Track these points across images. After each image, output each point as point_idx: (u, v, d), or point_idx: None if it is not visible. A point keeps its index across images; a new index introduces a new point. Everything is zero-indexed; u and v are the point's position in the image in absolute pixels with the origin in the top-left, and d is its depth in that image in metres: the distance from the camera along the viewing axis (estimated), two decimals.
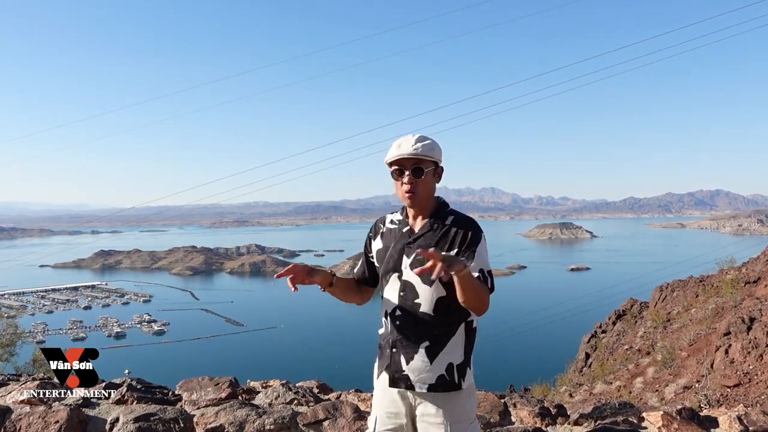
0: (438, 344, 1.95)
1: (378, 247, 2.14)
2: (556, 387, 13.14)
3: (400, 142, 1.99)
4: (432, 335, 1.95)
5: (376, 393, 2.12)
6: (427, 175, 1.98)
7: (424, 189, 1.99)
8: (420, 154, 1.94)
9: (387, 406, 2.05)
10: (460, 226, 1.99)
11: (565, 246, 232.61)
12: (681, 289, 15.76)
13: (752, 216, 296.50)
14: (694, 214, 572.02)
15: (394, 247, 2.06)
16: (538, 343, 60.97)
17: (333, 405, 3.14)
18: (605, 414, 3.28)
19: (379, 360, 2.09)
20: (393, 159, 1.98)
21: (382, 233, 2.16)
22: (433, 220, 2.02)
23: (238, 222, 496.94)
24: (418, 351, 1.95)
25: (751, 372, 6.73)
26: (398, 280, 2.02)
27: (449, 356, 1.96)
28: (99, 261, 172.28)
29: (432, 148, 1.98)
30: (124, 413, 2.88)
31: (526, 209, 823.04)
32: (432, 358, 1.94)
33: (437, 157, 2.00)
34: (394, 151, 1.98)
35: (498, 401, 3.39)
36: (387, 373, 2.01)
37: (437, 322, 1.95)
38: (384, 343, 2.05)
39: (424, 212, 2.05)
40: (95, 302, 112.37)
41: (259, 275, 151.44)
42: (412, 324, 1.96)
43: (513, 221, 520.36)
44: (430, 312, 1.95)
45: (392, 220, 2.17)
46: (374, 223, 2.25)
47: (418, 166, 1.97)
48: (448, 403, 1.95)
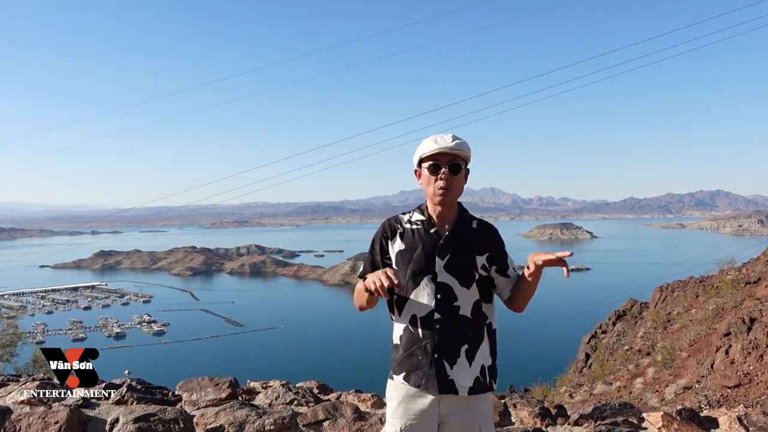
0: (474, 347, 1.94)
1: (400, 248, 2.01)
2: (556, 387, 13.13)
3: (435, 138, 1.96)
4: (469, 338, 1.94)
5: (397, 401, 1.98)
6: (461, 172, 1.97)
7: (458, 187, 1.97)
8: (458, 150, 1.92)
9: (413, 415, 1.94)
10: (485, 229, 2.02)
11: (566, 246, 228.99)
12: (681, 289, 15.74)
13: (752, 216, 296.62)
14: (695, 215, 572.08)
15: (422, 248, 1.97)
16: (538, 344, 60.94)
17: (333, 405, 3.14)
18: (605, 414, 3.28)
19: (414, 370, 1.94)
20: (431, 153, 1.93)
21: (402, 233, 2.03)
22: (461, 223, 2.01)
23: (238, 222, 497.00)
24: (460, 355, 1.92)
25: (752, 372, 6.73)
26: (432, 283, 1.93)
27: (482, 358, 1.96)
28: (99, 261, 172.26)
29: (468, 147, 1.97)
30: (124, 414, 2.88)
31: (526, 210, 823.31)
32: (471, 360, 1.93)
33: (470, 157, 1.99)
34: (431, 145, 1.94)
35: (498, 402, 3.39)
36: (431, 383, 1.90)
37: (473, 325, 1.94)
38: (418, 350, 1.94)
39: (452, 213, 2.02)
40: (95, 303, 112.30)
41: (258, 276, 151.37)
42: (453, 327, 1.92)
43: (513, 222, 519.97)
44: (469, 315, 1.93)
45: (410, 220, 2.06)
46: (386, 223, 2.09)
47: (456, 162, 1.94)
48: (477, 405, 1.95)
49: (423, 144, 1.98)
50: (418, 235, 2.00)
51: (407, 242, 2.00)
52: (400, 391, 1.97)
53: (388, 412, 2.03)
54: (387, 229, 2.06)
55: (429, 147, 1.94)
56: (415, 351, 1.94)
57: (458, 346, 1.92)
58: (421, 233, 2.00)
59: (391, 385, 2.02)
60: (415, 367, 1.94)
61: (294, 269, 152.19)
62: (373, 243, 2.09)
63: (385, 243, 2.06)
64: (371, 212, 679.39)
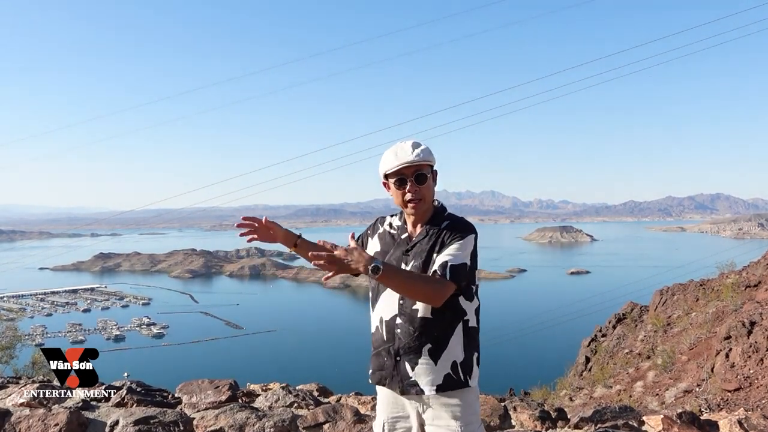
0: (439, 345, 1.95)
1: (375, 249, 2.12)
2: (556, 390, 13.10)
3: (395, 151, 1.97)
4: (432, 337, 1.95)
5: (380, 399, 2.10)
6: (428, 180, 1.99)
7: (427, 194, 2.00)
8: (420, 160, 1.94)
9: (394, 412, 2.05)
10: (452, 226, 1.99)
11: (565, 249, 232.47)
12: (681, 292, 15.72)
13: (752, 220, 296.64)
14: (695, 218, 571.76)
15: (392, 254, 2.04)
16: (538, 347, 60.87)
17: (333, 408, 3.14)
18: (605, 418, 3.29)
19: (379, 369, 2.04)
20: (394, 169, 1.95)
21: (380, 234, 2.15)
22: (429, 226, 2.02)
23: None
24: (422, 355, 1.94)
25: (752, 376, 6.72)
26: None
27: (452, 355, 1.96)
28: (98, 264, 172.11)
29: (429, 153, 1.99)
30: (124, 416, 2.88)
31: (526, 212, 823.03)
32: (436, 359, 1.94)
33: (434, 161, 2.01)
34: (392, 161, 1.95)
35: (498, 404, 3.39)
36: (394, 383, 1.98)
37: (436, 324, 1.95)
38: (383, 351, 2.02)
39: (425, 218, 2.05)
40: (94, 305, 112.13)
41: (258, 278, 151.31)
42: (413, 330, 1.95)
43: (513, 224, 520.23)
44: (428, 315, 1.94)
45: (391, 224, 2.15)
46: (376, 220, 2.24)
47: (421, 172, 1.96)
48: (457, 405, 1.95)
49: (384, 158, 2.00)
50: (391, 240, 2.10)
51: (382, 245, 2.12)
52: (380, 390, 2.10)
53: (377, 406, 2.16)
54: (372, 226, 2.22)
55: (391, 163, 1.96)
56: (381, 352, 2.04)
57: (420, 347, 1.95)
58: (395, 238, 2.09)
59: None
60: (380, 367, 2.04)
61: (294, 272, 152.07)
62: (361, 237, 2.23)
63: (367, 239, 2.20)
64: (371, 215, 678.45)
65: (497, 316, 66.30)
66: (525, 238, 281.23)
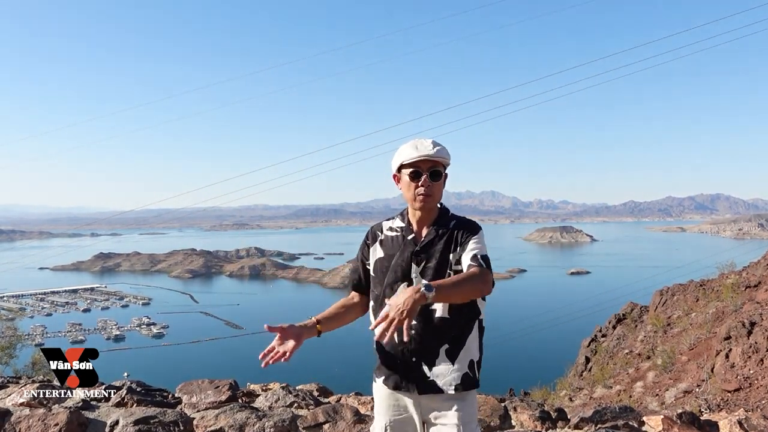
0: (458, 344, 1.95)
1: (378, 256, 2.08)
2: (556, 391, 13.10)
3: (415, 144, 1.97)
4: (450, 337, 1.94)
5: (380, 401, 2.06)
6: (441, 178, 1.99)
7: (438, 192, 2.00)
8: (439, 157, 1.95)
9: (396, 415, 2.02)
10: (462, 225, 2.01)
11: (566, 250, 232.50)
12: (681, 293, 15.73)
13: (752, 220, 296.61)
14: (695, 218, 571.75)
15: (400, 255, 2.02)
16: (538, 347, 60.84)
17: (333, 408, 3.14)
18: (605, 418, 3.29)
19: (393, 373, 2.00)
20: (412, 160, 1.95)
21: (381, 241, 2.11)
22: (438, 227, 2.02)
23: (238, 225, 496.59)
24: (439, 355, 1.94)
25: (752, 376, 6.72)
26: None
27: (470, 354, 1.97)
28: (98, 264, 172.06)
29: (447, 153, 1.99)
30: (124, 416, 2.88)
31: (526, 213, 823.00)
32: (453, 359, 1.94)
33: (449, 162, 2.01)
34: (411, 152, 1.96)
35: (498, 405, 3.39)
36: (411, 385, 1.95)
37: (453, 323, 1.94)
38: (396, 353, 1.98)
39: (431, 217, 2.04)
40: (94, 305, 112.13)
41: (258, 278, 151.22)
42: (430, 330, 1.94)
43: (513, 225, 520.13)
44: (446, 315, 1.93)
45: (391, 227, 2.12)
46: (370, 230, 2.18)
47: (436, 169, 1.97)
48: (465, 404, 1.95)
49: (402, 150, 2.00)
50: (396, 243, 2.06)
51: (386, 249, 2.07)
52: (382, 391, 2.04)
53: (375, 410, 2.12)
54: (370, 236, 2.16)
55: (409, 154, 1.96)
56: (394, 354, 1.99)
57: (437, 347, 1.94)
58: (400, 240, 2.06)
59: (375, 386, 2.10)
60: (394, 371, 1.99)
61: (294, 272, 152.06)
62: (360, 250, 2.18)
63: (367, 251, 2.14)
64: (371, 215, 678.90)
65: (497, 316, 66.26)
66: (525, 238, 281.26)
